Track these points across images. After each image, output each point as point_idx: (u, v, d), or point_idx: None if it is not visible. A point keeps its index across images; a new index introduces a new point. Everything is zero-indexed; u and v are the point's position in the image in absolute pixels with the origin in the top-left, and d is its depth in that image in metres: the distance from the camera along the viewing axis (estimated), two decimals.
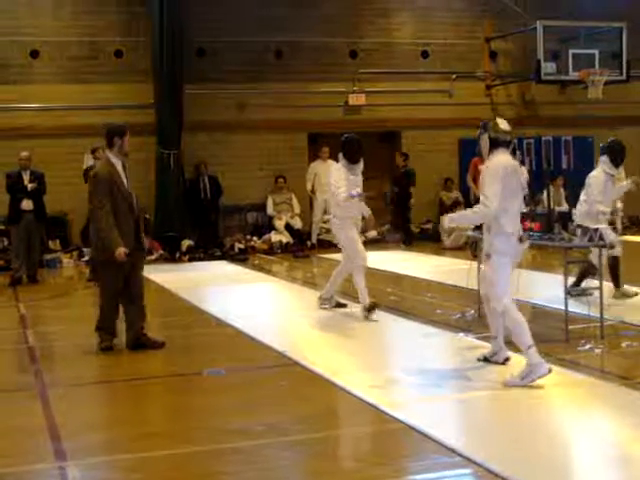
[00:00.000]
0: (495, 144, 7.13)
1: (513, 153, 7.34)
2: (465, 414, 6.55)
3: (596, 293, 8.78)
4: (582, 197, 10.32)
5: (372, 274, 12.50)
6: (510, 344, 7.42)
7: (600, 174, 10.31)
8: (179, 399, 7.20)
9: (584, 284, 10.06)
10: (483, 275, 7.57)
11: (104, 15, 17.81)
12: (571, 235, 8.71)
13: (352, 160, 10.23)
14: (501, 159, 7.10)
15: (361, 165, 10.34)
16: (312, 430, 6.13)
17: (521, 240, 7.14)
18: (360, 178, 10.34)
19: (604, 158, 10.45)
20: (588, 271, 10.25)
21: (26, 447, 5.95)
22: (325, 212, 16.97)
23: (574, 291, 9.62)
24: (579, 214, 10.17)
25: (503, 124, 7.21)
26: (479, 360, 7.65)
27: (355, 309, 10.37)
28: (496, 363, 7.52)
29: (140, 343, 8.64)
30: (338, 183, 10.11)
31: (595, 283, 8.89)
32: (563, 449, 5.61)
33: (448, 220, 7.47)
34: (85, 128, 16.87)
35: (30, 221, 14.21)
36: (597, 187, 10.19)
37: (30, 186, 14.15)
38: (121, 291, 8.66)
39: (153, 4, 17.20)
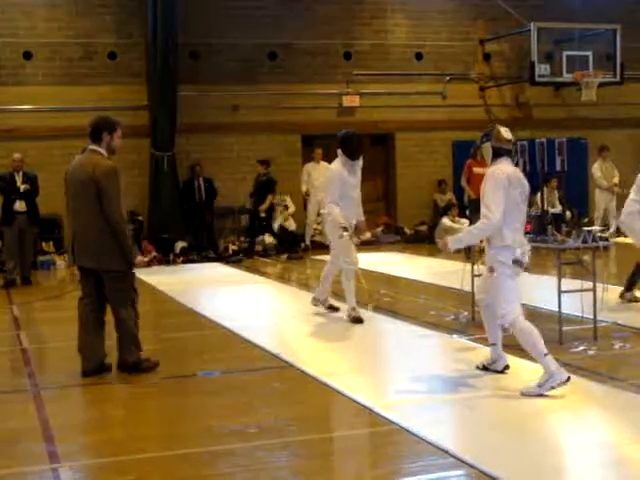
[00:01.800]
0: (498, 153, 7.01)
1: (517, 163, 7.24)
2: (459, 416, 6.54)
3: None
4: (632, 196, 10.11)
5: (366, 275, 12.48)
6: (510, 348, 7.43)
7: None
8: (172, 401, 7.19)
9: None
10: (482, 283, 7.45)
11: (98, 17, 17.79)
12: (564, 237, 8.71)
13: (352, 156, 9.83)
14: (504, 169, 6.96)
15: (360, 162, 9.97)
16: (306, 432, 6.13)
17: (518, 263, 6.96)
18: (359, 178, 10.00)
19: None
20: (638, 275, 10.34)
21: (19, 449, 5.94)
22: (319, 214, 16.93)
23: (628, 297, 9.79)
24: (627, 213, 10.09)
25: (506, 133, 7.08)
26: (478, 369, 7.51)
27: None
28: (495, 371, 7.42)
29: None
30: (329, 192, 9.81)
31: None
32: (556, 450, 5.61)
33: (452, 242, 7.18)
34: (78, 130, 16.49)
35: (23, 223, 14.22)
36: None
37: (23, 187, 14.16)
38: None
39: (147, 6, 17.19)
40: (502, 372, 7.41)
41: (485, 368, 7.48)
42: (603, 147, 18.84)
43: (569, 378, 6.70)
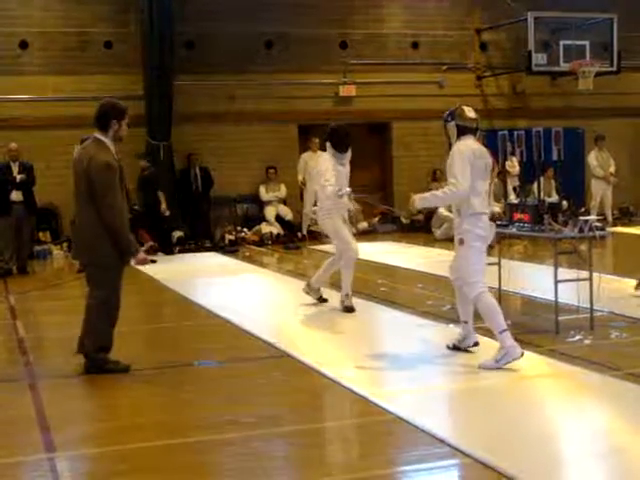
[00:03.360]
0: (462, 131, 7.39)
1: (482, 142, 7.48)
2: (455, 405, 6.55)
3: None
4: None
5: (363, 265, 12.49)
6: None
7: None
8: (168, 390, 7.18)
9: None
10: (455, 262, 7.57)
11: (94, 6, 17.74)
12: (561, 226, 8.70)
13: (340, 149, 9.98)
14: (468, 143, 7.32)
15: (349, 155, 10.10)
16: (302, 421, 6.14)
17: (492, 219, 7.36)
18: (348, 169, 10.11)
19: None
20: None
21: (15, 438, 5.94)
22: (316, 203, 16.91)
23: None
24: None
25: (470, 112, 7.47)
26: (448, 348, 7.76)
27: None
28: (465, 349, 7.66)
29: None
30: (326, 175, 9.83)
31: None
32: (553, 439, 5.61)
33: (419, 200, 7.50)
34: (74, 119, 16.78)
35: (20, 212, 14.22)
36: None
37: (19, 177, 14.15)
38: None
39: None
40: (469, 350, 7.64)
41: (455, 347, 7.73)
42: (599, 136, 18.83)
43: (523, 354, 7.05)
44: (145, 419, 6.41)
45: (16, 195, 14.17)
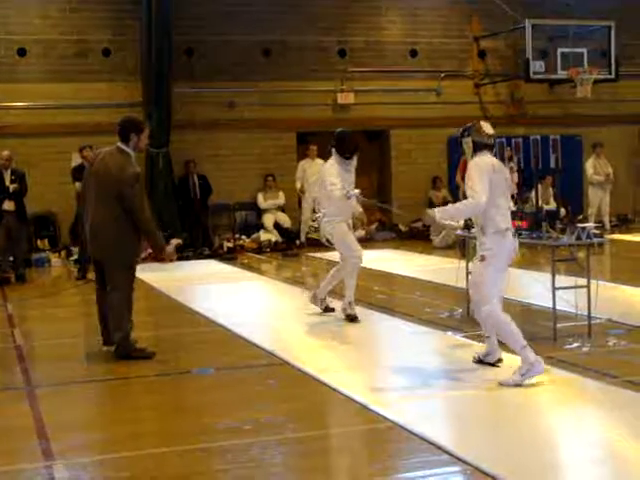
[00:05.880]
0: (479, 147, 7.23)
1: (495, 155, 7.40)
2: (454, 412, 6.55)
3: None
4: None
5: (361, 272, 12.46)
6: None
7: None
8: (167, 398, 7.18)
9: None
10: (472, 277, 7.54)
11: (92, 13, 17.76)
12: (559, 233, 8.72)
13: (346, 156, 9.89)
14: (487, 159, 7.20)
15: (354, 162, 10.01)
16: (301, 429, 6.13)
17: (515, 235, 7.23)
18: (353, 175, 10.00)
19: None
20: None
21: (13, 446, 5.93)
22: (314, 211, 16.91)
23: None
24: None
25: (487, 128, 7.29)
26: (474, 361, 7.60)
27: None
28: (489, 364, 7.49)
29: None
30: (332, 179, 9.73)
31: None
32: (551, 447, 5.62)
33: (439, 213, 7.29)
34: (73, 127, 16.87)
35: (12, 221, 14.05)
36: None
37: (12, 187, 13.97)
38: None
39: (142, 2, 17.15)
40: (495, 365, 7.46)
41: (480, 361, 7.55)
42: (597, 144, 18.85)
43: (543, 370, 6.93)
44: (143, 426, 6.41)
45: (8, 204, 13.96)
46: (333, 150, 10.00)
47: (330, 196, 9.81)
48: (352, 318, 9.86)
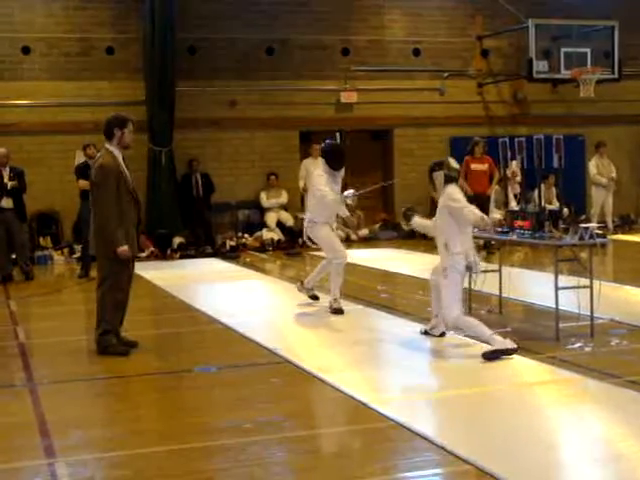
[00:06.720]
0: (449, 180, 8.22)
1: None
2: (455, 412, 6.54)
3: None
4: None
5: (363, 271, 12.53)
6: None
7: None
8: (169, 396, 7.19)
9: None
10: (436, 267, 8.41)
11: (95, 11, 17.77)
12: (562, 233, 8.71)
13: (335, 168, 10.29)
14: (458, 190, 8.28)
15: (342, 172, 10.43)
16: (302, 427, 6.14)
17: (468, 269, 8.09)
18: (339, 185, 10.39)
19: None
20: None
21: (15, 443, 5.93)
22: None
23: None
24: None
25: (454, 163, 8.39)
26: (421, 333, 8.76)
27: (347, 307, 10.35)
28: (434, 335, 8.62)
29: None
30: (322, 188, 10.11)
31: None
32: (552, 446, 5.61)
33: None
34: (76, 125, 16.88)
35: (10, 219, 13.98)
36: None
37: (10, 184, 13.91)
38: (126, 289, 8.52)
39: (144, 1, 17.17)
40: (440, 336, 8.57)
41: (426, 332, 8.74)
42: (600, 143, 18.84)
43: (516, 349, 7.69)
44: (145, 424, 6.41)
45: (6, 202, 13.87)
46: (322, 160, 10.37)
47: (320, 201, 10.19)
48: (337, 311, 10.14)
